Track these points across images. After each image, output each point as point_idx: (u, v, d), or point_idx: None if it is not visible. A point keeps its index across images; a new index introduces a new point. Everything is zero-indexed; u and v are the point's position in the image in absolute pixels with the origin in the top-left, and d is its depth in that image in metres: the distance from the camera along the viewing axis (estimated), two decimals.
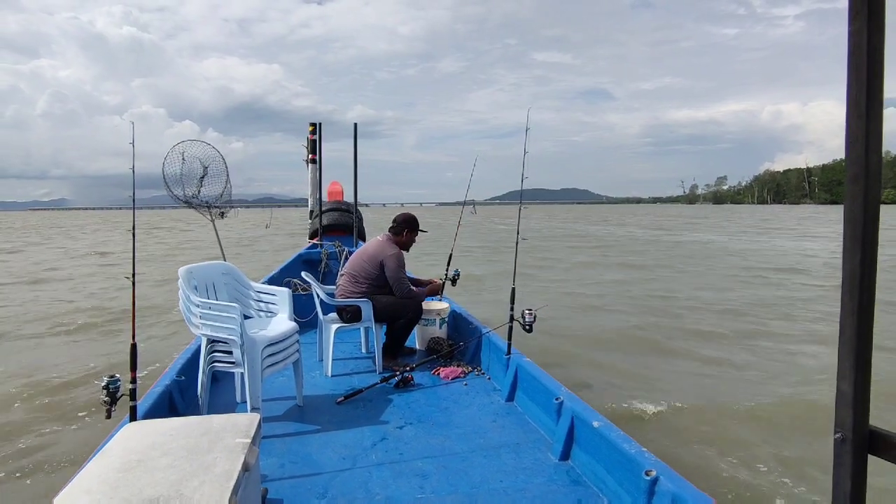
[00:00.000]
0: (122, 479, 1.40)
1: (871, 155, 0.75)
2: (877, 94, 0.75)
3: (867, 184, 0.76)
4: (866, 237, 0.77)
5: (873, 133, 0.75)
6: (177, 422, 1.79)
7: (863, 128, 0.76)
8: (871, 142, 0.76)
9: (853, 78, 0.76)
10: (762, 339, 6.50)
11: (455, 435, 2.79)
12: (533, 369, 3.10)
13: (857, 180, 0.77)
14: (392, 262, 3.80)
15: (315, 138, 7.72)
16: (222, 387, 3.43)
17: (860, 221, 0.77)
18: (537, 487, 2.28)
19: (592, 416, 2.43)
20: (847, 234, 0.79)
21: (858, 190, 0.77)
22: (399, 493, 2.21)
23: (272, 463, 2.46)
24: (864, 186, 0.76)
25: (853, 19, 0.76)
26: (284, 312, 3.35)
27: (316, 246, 6.50)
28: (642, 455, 2.05)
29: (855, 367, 0.79)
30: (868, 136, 0.75)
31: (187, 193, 4.42)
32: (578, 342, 6.34)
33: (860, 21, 0.75)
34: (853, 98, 0.76)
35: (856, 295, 0.78)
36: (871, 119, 0.75)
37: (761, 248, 18.92)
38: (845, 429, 0.81)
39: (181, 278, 2.89)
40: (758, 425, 4.06)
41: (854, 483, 0.81)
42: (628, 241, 23.64)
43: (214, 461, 1.50)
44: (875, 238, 0.78)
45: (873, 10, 0.74)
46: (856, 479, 0.81)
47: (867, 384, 0.80)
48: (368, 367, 3.96)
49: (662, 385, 4.88)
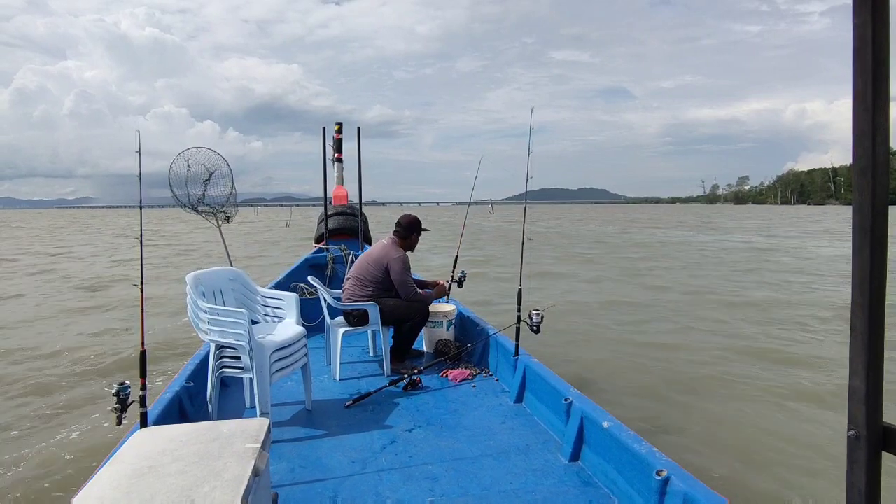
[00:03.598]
0: (134, 486, 1.41)
1: (878, 148, 0.75)
2: (883, 87, 0.75)
3: (875, 177, 0.75)
4: (875, 231, 0.77)
5: (880, 126, 0.75)
6: (187, 428, 1.80)
7: (869, 121, 0.75)
8: (879, 135, 0.75)
9: (859, 71, 0.76)
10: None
11: (464, 437, 2.79)
12: (541, 370, 3.09)
13: (864, 173, 0.76)
14: (397, 266, 3.80)
15: (341, 137, 7.81)
16: (231, 392, 3.44)
17: (869, 215, 0.76)
18: (547, 489, 2.27)
19: (602, 416, 2.41)
20: (856, 228, 0.78)
21: (866, 183, 0.76)
22: (409, 497, 2.21)
23: (282, 468, 2.46)
24: (873, 179, 0.76)
25: (857, 12, 0.76)
26: (292, 317, 3.36)
27: (322, 250, 6.52)
28: (653, 455, 2.03)
29: (867, 364, 0.79)
30: (875, 128, 0.75)
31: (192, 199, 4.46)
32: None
33: (865, 14, 0.75)
34: (859, 91, 0.76)
35: (866, 289, 0.78)
36: (878, 112, 0.75)
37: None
38: (858, 426, 0.80)
39: (189, 285, 2.91)
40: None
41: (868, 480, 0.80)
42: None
43: (225, 466, 1.50)
44: (885, 232, 0.77)
45: (877, 2, 0.74)
46: (870, 476, 0.80)
47: (880, 380, 0.79)
48: (376, 370, 3.96)
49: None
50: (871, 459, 0.80)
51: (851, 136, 0.77)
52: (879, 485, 0.80)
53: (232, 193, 4.63)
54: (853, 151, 0.77)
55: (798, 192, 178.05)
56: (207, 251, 19.56)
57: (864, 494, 0.80)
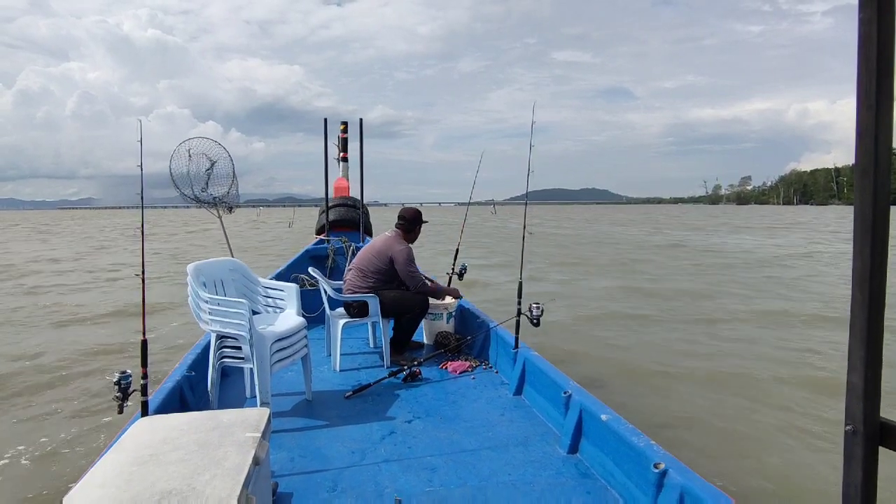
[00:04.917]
0: (135, 473, 1.42)
1: (880, 147, 0.75)
2: (887, 85, 0.74)
3: (877, 176, 0.75)
4: (876, 230, 0.77)
5: (883, 125, 0.74)
6: (188, 417, 1.81)
7: (872, 119, 0.75)
8: (881, 134, 0.75)
9: (863, 68, 0.75)
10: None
11: (463, 429, 2.80)
12: (541, 363, 3.10)
13: (866, 173, 0.76)
14: (402, 257, 3.82)
15: (346, 136, 7.84)
16: (232, 382, 3.46)
17: (870, 214, 0.76)
18: (546, 481, 2.29)
19: (601, 409, 2.43)
20: (857, 227, 0.78)
21: (868, 183, 0.76)
22: (408, 487, 2.23)
23: (282, 457, 2.48)
24: (874, 179, 0.75)
25: (863, 8, 0.75)
26: (292, 308, 3.37)
27: (323, 242, 6.52)
28: (651, 448, 2.05)
29: (866, 360, 0.79)
30: (878, 127, 0.74)
31: (195, 190, 4.45)
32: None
33: (870, 10, 0.74)
34: (863, 89, 0.75)
35: (866, 287, 0.78)
36: (881, 110, 0.74)
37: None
38: (856, 421, 0.81)
39: (190, 275, 2.91)
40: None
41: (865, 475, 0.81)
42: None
43: (225, 455, 1.51)
44: (885, 231, 0.77)
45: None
46: (866, 471, 0.81)
47: (878, 376, 0.80)
48: (376, 361, 3.98)
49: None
50: (867, 455, 0.80)
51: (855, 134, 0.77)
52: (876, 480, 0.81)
53: (233, 184, 4.63)
54: (855, 150, 0.77)
55: (801, 192, 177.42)
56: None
57: (861, 489, 0.81)
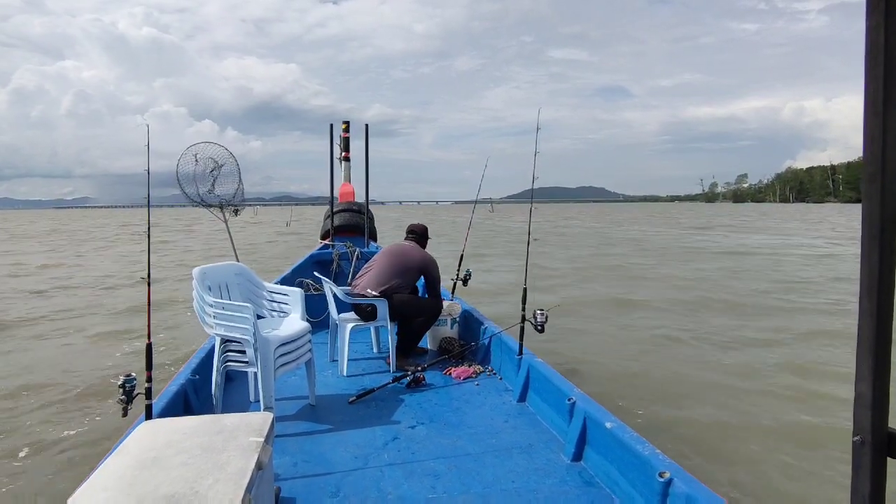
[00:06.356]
0: (139, 477, 1.42)
1: (888, 153, 0.74)
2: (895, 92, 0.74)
3: (884, 183, 0.75)
4: (884, 237, 0.76)
5: (891, 131, 0.74)
6: (191, 420, 1.81)
7: (880, 125, 0.74)
8: (889, 140, 0.74)
9: (870, 74, 0.75)
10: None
11: (467, 435, 2.79)
12: (545, 370, 3.09)
13: (874, 179, 0.75)
14: (436, 270, 4.07)
15: (348, 136, 7.82)
16: (236, 386, 3.46)
17: (878, 221, 0.76)
18: (549, 488, 2.27)
19: (605, 416, 2.41)
20: (865, 234, 0.77)
21: (876, 189, 0.75)
22: (411, 493, 2.22)
23: (285, 462, 2.48)
24: (882, 185, 0.75)
25: (871, 14, 0.75)
26: (297, 312, 3.38)
27: (327, 247, 6.53)
28: (656, 456, 2.03)
29: (873, 370, 0.78)
30: (885, 133, 0.74)
31: (200, 192, 4.48)
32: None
33: (878, 16, 0.74)
34: (870, 95, 0.75)
35: (874, 296, 0.77)
36: (889, 117, 0.74)
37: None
38: (864, 432, 0.80)
39: (195, 279, 2.93)
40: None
41: (873, 486, 0.80)
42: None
43: (228, 459, 1.51)
44: (894, 238, 0.76)
45: (891, 5, 0.73)
46: (875, 482, 0.80)
47: (886, 386, 0.79)
48: (380, 366, 3.97)
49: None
50: (876, 465, 0.79)
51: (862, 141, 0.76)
52: (884, 491, 0.80)
53: (239, 188, 4.65)
54: (863, 156, 0.76)
55: (797, 190, 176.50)
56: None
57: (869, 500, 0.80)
